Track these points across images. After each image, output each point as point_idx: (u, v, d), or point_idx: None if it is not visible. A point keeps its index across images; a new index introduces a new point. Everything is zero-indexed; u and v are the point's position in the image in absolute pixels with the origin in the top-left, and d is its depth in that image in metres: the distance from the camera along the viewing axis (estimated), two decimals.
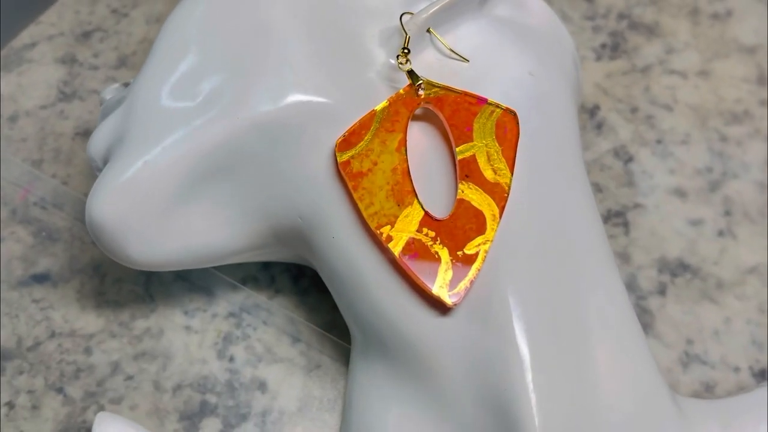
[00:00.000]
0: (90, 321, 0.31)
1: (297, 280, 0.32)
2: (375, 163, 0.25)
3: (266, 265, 0.32)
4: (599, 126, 0.36)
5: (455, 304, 0.24)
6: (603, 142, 0.36)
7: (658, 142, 0.36)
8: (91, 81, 0.37)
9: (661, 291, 0.32)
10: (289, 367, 0.30)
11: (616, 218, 0.34)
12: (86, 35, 0.38)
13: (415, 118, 0.26)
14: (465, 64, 0.28)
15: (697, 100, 0.37)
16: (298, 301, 0.32)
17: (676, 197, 0.34)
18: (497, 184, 0.25)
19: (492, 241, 0.25)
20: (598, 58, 0.38)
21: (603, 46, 0.39)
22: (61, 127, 0.36)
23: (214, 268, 0.32)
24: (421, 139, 0.26)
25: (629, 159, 0.35)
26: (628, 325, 0.26)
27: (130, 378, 0.30)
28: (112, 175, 0.26)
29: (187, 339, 0.31)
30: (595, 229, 0.27)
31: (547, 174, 0.27)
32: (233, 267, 0.32)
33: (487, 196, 0.25)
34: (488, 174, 0.25)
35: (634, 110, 0.37)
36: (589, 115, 0.37)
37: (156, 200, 0.26)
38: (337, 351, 0.30)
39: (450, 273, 0.24)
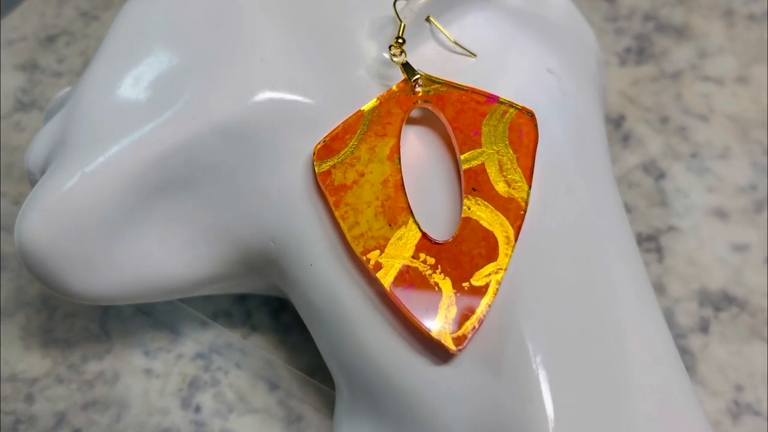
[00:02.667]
0: (34, 363, 0.26)
1: (277, 315, 0.27)
2: (361, 174, 0.20)
3: (241, 298, 0.28)
4: (626, 138, 0.32)
5: (460, 350, 0.19)
6: (630, 156, 0.31)
7: (693, 156, 0.31)
8: (53, 89, 0.32)
9: (703, 328, 0.27)
10: (265, 419, 0.26)
11: (647, 243, 0.29)
12: (51, 39, 0.34)
13: (411, 120, 0.22)
14: (472, 59, 0.23)
15: (736, 109, 0.32)
16: (277, 340, 0.27)
17: (716, 219, 0.30)
18: (511, 200, 0.20)
19: (506, 269, 0.20)
20: (623, 63, 0.34)
21: (627, 50, 0.34)
22: (16, 140, 0.31)
23: (181, 300, 0.27)
24: (417, 146, 0.21)
25: (661, 175, 0.31)
26: (672, 370, 0.21)
27: (77, 431, 0.25)
28: (45, 190, 0.21)
29: (147, 384, 0.26)
30: (630, 253, 0.22)
31: (571, 188, 0.22)
32: (202, 300, 0.27)
33: (500, 213, 0.20)
34: (500, 187, 0.20)
35: (665, 120, 0.32)
36: (614, 126, 0.32)
37: (98, 220, 0.21)
38: (321, 400, 0.26)
39: (454, 310, 0.19)
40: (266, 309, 0.28)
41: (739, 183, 0.30)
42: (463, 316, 0.19)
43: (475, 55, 0.23)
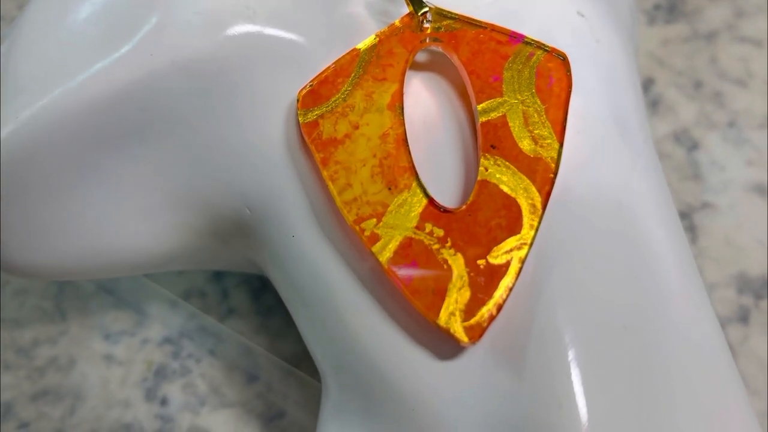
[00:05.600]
0: None
1: (258, 295, 0.24)
2: (356, 126, 0.16)
3: (217, 275, 0.24)
4: (654, 104, 0.28)
5: (473, 341, 0.15)
6: (660, 123, 0.28)
7: (731, 125, 0.28)
8: None
9: (743, 318, 0.24)
10: (241, 414, 0.22)
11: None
12: None
13: (417, 63, 0.18)
14: None
15: None
16: (258, 324, 0.24)
17: (756, 195, 0.26)
18: (539, 160, 0.16)
19: (531, 244, 0.16)
20: (652, 21, 0.30)
21: (657, 7, 0.30)
22: None
23: (147, 277, 0.23)
24: (424, 93, 0.18)
25: (694, 146, 0.27)
26: (724, 371, 0.17)
27: (24, 426, 0.22)
28: None
29: (107, 373, 0.23)
30: (673, 226, 0.19)
31: (608, 148, 0.18)
32: (173, 276, 0.24)
33: (524, 176, 0.16)
34: (525, 144, 0.16)
35: (698, 85, 0.28)
36: (642, 90, 0.28)
37: (36, 177, 0.18)
38: (306, 394, 0.22)
39: (466, 293, 0.15)
40: (246, 288, 0.24)
41: None
42: (478, 301, 0.15)
43: None
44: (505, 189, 0.16)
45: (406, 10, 0.18)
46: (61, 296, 0.24)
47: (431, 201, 0.16)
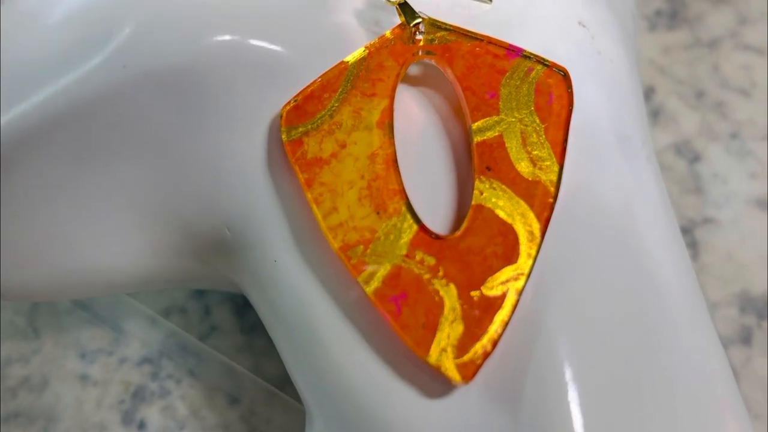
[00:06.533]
0: None
1: (241, 313, 0.23)
2: (343, 145, 0.15)
3: (199, 291, 0.23)
4: (655, 114, 0.27)
5: (466, 380, 0.14)
6: (661, 134, 0.27)
7: (734, 136, 0.27)
8: None
9: (745, 338, 0.24)
10: None
11: None
12: None
13: (409, 77, 0.17)
14: (486, 6, 0.18)
15: None
16: (241, 343, 0.23)
17: (759, 209, 0.26)
18: (537, 183, 0.15)
19: (528, 274, 0.15)
20: (653, 27, 0.29)
21: (658, 13, 0.29)
22: None
23: (126, 293, 0.22)
24: (416, 110, 0.17)
25: (695, 158, 0.26)
26: (728, 397, 0.17)
27: None
28: None
29: (82, 394, 0.22)
30: (678, 252, 0.18)
31: (610, 169, 0.17)
32: (153, 292, 0.23)
33: (521, 201, 0.15)
34: (523, 166, 0.15)
35: (700, 95, 0.27)
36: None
37: (4, 195, 0.16)
38: (291, 419, 0.21)
39: (459, 327, 0.14)
40: (229, 305, 0.23)
41: None
42: (472, 336, 0.14)
43: (490, 1, 0.18)
44: (501, 214, 0.15)
45: (397, 20, 0.17)
46: (35, 312, 0.23)
47: (422, 227, 0.15)
